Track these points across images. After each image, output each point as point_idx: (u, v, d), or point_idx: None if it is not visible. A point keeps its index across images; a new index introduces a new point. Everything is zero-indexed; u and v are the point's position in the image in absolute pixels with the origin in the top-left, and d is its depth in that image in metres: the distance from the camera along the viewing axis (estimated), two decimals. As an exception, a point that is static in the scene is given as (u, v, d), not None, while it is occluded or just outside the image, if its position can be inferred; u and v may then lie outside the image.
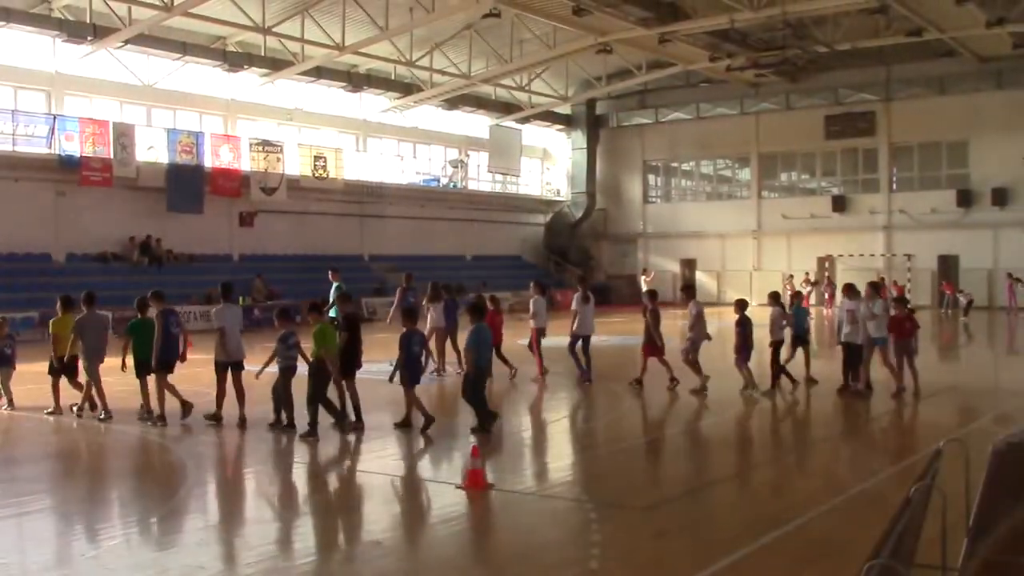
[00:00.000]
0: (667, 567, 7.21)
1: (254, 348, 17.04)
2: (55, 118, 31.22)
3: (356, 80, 40.27)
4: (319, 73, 38.14)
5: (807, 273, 43.10)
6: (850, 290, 16.05)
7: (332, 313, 15.73)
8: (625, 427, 14.17)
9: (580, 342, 17.02)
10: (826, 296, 41.60)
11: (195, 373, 15.07)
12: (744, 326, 15.86)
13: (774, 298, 16.96)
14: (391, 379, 12.42)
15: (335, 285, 19.75)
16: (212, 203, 34.75)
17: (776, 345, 16.21)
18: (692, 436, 13.50)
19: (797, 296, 19.17)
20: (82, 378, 13.98)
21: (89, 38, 30.95)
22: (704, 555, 7.38)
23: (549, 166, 53.64)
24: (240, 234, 36.74)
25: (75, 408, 13.97)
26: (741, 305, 16.20)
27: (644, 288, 36.86)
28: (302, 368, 12.74)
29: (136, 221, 33.41)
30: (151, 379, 13.26)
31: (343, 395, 12.75)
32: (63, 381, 14.18)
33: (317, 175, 38.59)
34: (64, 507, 9.35)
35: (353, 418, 12.63)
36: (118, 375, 13.74)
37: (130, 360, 13.33)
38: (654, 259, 49.72)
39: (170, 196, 33.37)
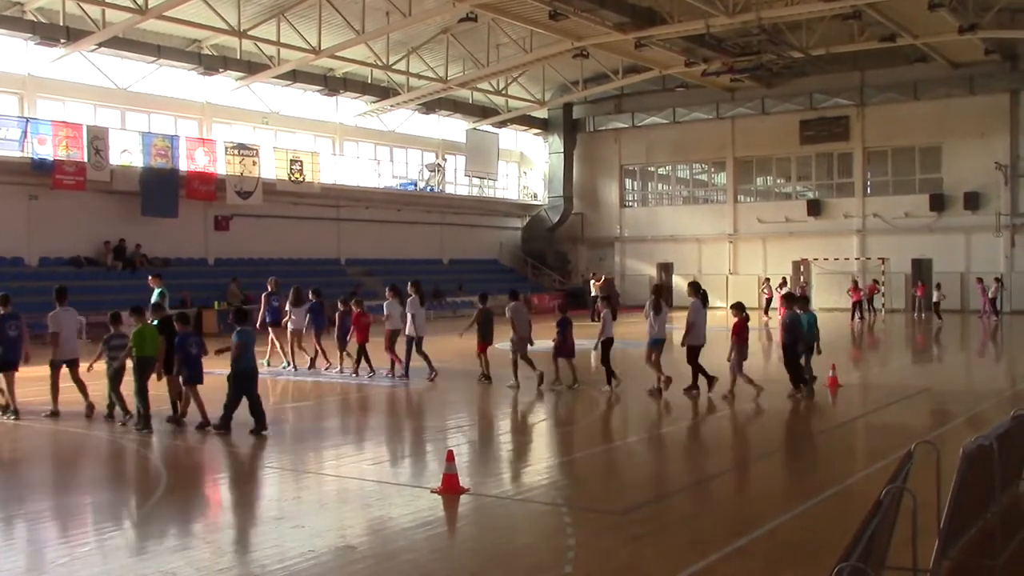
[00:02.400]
0: (642, 571, 7.21)
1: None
2: (28, 121, 30.92)
3: (332, 84, 40.20)
4: (295, 77, 38.02)
5: (784, 278, 43.42)
6: (693, 291, 16.60)
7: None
8: (600, 431, 14.19)
9: (414, 342, 18.47)
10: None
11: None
12: (563, 326, 17.01)
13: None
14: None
15: (157, 291, 19.16)
16: (187, 207, 34.50)
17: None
18: (665, 440, 13.52)
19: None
20: None
21: (62, 41, 30.75)
22: (679, 558, 7.40)
23: (526, 170, 53.71)
24: (215, 238, 36.53)
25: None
26: (563, 308, 17.73)
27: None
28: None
29: (110, 225, 33.14)
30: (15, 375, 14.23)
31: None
32: None
33: (293, 179, 38.42)
34: None
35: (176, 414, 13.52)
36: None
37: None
38: (631, 263, 49.96)
39: (144, 200, 33.08)
